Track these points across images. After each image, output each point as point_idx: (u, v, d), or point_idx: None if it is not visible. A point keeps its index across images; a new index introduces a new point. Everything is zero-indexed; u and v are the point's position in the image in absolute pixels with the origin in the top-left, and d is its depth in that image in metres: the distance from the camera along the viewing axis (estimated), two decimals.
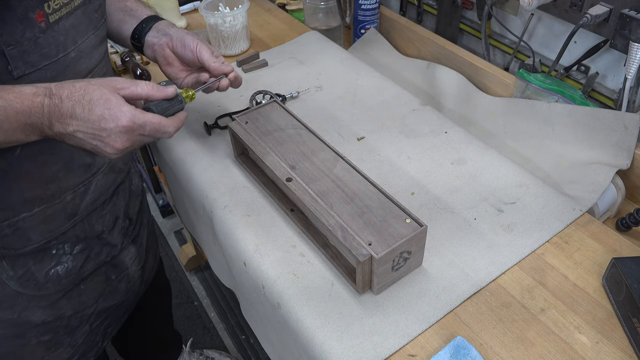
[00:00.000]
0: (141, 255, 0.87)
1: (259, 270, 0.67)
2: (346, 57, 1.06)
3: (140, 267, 0.87)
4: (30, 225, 0.64)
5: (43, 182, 0.63)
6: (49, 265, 0.70)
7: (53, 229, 0.67)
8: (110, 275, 0.80)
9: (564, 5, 0.87)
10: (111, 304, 0.82)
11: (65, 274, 0.72)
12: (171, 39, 0.73)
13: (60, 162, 0.63)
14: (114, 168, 0.73)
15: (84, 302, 0.77)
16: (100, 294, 0.80)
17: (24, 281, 0.68)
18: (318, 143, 0.74)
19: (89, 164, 0.68)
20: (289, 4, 1.32)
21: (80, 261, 0.73)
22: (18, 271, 0.67)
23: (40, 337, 0.74)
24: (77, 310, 0.77)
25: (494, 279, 0.65)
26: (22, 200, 0.62)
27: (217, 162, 0.82)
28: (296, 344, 0.64)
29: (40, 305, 0.72)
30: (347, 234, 0.60)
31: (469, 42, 1.17)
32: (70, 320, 0.76)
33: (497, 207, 0.73)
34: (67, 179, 0.65)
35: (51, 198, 0.65)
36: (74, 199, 0.67)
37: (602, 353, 0.57)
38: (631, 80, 0.81)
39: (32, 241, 0.66)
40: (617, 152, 0.81)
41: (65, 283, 0.73)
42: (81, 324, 0.78)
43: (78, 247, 0.72)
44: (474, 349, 0.57)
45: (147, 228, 0.91)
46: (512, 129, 0.92)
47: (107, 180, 0.72)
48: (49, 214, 0.65)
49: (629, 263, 0.61)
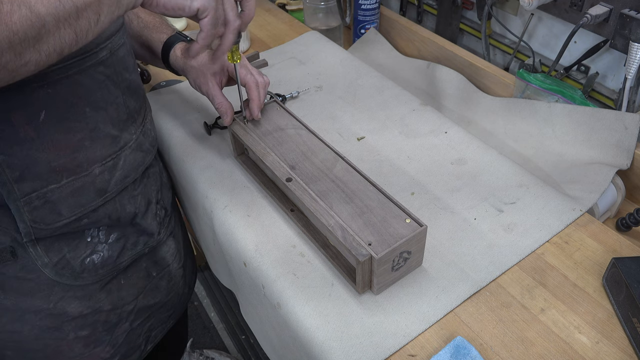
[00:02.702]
0: (181, 254, 0.86)
1: (259, 270, 0.67)
2: (346, 57, 1.06)
3: (181, 266, 0.86)
4: (60, 197, 0.63)
5: (69, 150, 0.62)
6: (85, 254, 0.69)
7: (83, 204, 0.66)
8: (151, 271, 0.80)
9: (564, 5, 0.87)
10: (152, 302, 0.81)
11: (102, 263, 0.71)
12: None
13: (85, 129, 0.63)
14: (142, 146, 0.73)
15: (123, 298, 0.77)
16: (141, 290, 0.79)
17: (59, 269, 0.68)
18: (318, 143, 0.74)
19: (115, 136, 0.67)
20: (289, 4, 1.32)
21: (116, 251, 0.73)
22: (53, 258, 0.67)
23: (78, 331, 0.73)
24: (116, 305, 0.76)
25: (494, 279, 0.65)
26: (49, 169, 0.61)
27: (217, 162, 0.82)
28: (296, 344, 0.64)
29: (77, 296, 0.71)
30: (347, 234, 0.60)
31: (469, 42, 1.17)
32: (109, 316, 0.76)
33: (497, 207, 0.73)
34: (94, 149, 0.65)
35: (79, 169, 0.64)
36: (102, 173, 0.67)
37: (602, 353, 0.57)
38: (631, 80, 0.81)
39: (63, 216, 0.65)
40: (617, 152, 0.81)
41: (102, 274, 0.72)
42: (120, 321, 0.77)
43: (113, 235, 0.72)
44: (474, 349, 0.57)
45: (182, 229, 0.90)
46: (512, 129, 0.92)
47: (136, 158, 0.72)
48: (77, 187, 0.65)
49: (629, 263, 0.61)
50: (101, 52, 0.62)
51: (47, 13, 0.44)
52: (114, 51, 0.64)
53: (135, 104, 0.71)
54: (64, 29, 0.46)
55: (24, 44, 0.44)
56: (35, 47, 0.45)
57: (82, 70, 0.60)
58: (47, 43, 0.46)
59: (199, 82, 0.77)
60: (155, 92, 0.99)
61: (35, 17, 0.43)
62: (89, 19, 0.48)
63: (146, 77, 1.03)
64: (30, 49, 0.44)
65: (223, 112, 0.76)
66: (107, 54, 0.63)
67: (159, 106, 0.94)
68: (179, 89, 0.98)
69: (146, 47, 0.84)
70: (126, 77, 0.68)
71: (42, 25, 0.44)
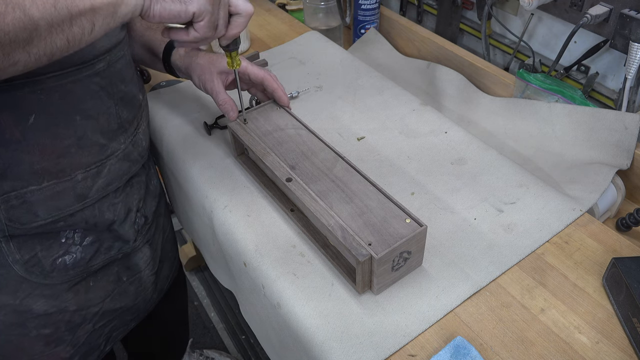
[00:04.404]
0: (155, 261, 0.86)
1: (259, 270, 0.67)
2: (346, 57, 1.06)
3: (154, 273, 0.86)
4: (38, 199, 0.63)
5: (54, 155, 0.62)
6: (57, 254, 0.69)
7: (61, 208, 0.66)
8: (122, 276, 0.80)
9: (564, 5, 0.87)
10: (118, 306, 0.81)
11: (73, 264, 0.71)
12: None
13: (73, 136, 0.63)
14: (129, 156, 0.73)
15: (90, 300, 0.77)
16: (108, 294, 0.79)
17: (29, 266, 0.68)
18: (318, 143, 0.74)
19: (103, 145, 0.67)
20: (289, 4, 1.32)
21: (89, 254, 0.73)
22: (24, 255, 0.67)
23: (41, 329, 0.73)
24: (82, 306, 0.76)
25: (494, 279, 0.65)
26: (31, 171, 0.62)
27: (217, 162, 0.82)
28: (296, 344, 0.64)
29: (44, 294, 0.71)
30: (347, 234, 0.60)
31: (469, 42, 1.17)
32: (73, 316, 0.76)
33: (497, 207, 0.73)
34: (79, 156, 0.65)
35: (61, 174, 0.64)
36: (85, 180, 0.67)
37: (602, 353, 0.57)
38: (631, 80, 0.81)
39: (39, 217, 0.65)
40: (617, 152, 0.81)
41: (72, 274, 0.72)
42: (84, 322, 0.78)
43: (88, 238, 0.72)
44: (474, 349, 0.57)
45: (164, 235, 0.90)
46: (512, 129, 0.92)
47: (122, 167, 0.72)
48: (57, 191, 0.65)
49: (629, 263, 0.61)
50: (98, 64, 0.62)
51: (41, 17, 0.45)
52: (112, 63, 0.65)
53: (128, 115, 0.71)
54: (57, 34, 0.47)
55: (14, 44, 0.44)
56: (26, 49, 0.45)
57: (77, 80, 0.60)
58: (38, 46, 0.46)
59: (204, 79, 0.78)
60: (155, 92, 0.99)
61: (28, 20, 0.44)
62: (82, 27, 0.49)
63: (146, 77, 1.03)
64: (20, 50, 0.45)
65: (227, 109, 0.76)
66: (104, 65, 0.63)
67: (159, 106, 0.94)
68: (179, 89, 0.98)
69: (147, 48, 0.84)
70: (122, 88, 0.68)
71: (34, 29, 0.45)
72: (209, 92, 0.78)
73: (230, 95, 0.78)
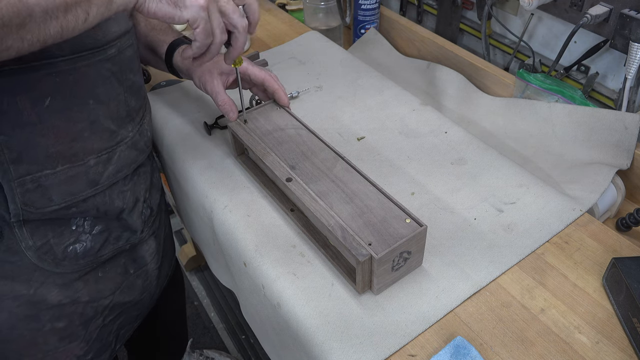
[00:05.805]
0: (159, 255, 0.87)
1: (259, 270, 0.67)
2: (346, 57, 1.06)
3: (158, 267, 0.88)
4: (52, 183, 0.65)
5: (68, 139, 0.64)
6: (68, 241, 0.70)
7: (74, 193, 0.68)
8: (129, 268, 0.81)
9: (564, 5, 0.87)
10: (127, 299, 0.82)
11: (83, 253, 0.72)
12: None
13: (86, 120, 0.65)
14: (137, 145, 0.75)
15: (101, 291, 0.77)
16: (118, 286, 0.80)
17: (42, 253, 0.69)
18: (318, 143, 0.74)
19: (113, 131, 0.69)
20: (289, 4, 1.32)
21: (98, 243, 0.74)
22: (37, 241, 0.68)
23: (55, 322, 0.74)
24: (93, 298, 0.77)
25: (494, 279, 0.65)
26: (46, 155, 0.63)
27: (217, 162, 0.82)
28: (296, 344, 0.64)
29: (57, 284, 0.72)
30: (347, 234, 0.60)
31: (469, 42, 1.17)
32: (86, 309, 0.76)
33: (497, 207, 0.73)
34: (92, 141, 0.67)
35: (74, 158, 0.66)
36: (97, 165, 0.68)
37: (602, 353, 0.57)
38: (631, 80, 0.81)
39: (53, 202, 0.66)
40: (617, 152, 0.81)
41: (83, 264, 0.73)
42: (96, 315, 0.78)
43: (98, 227, 0.73)
44: (474, 349, 0.57)
45: (165, 230, 0.92)
46: (512, 129, 0.92)
47: (130, 155, 0.73)
48: (71, 175, 0.66)
49: (629, 263, 0.61)
50: (110, 50, 0.64)
51: (36, 4, 0.46)
52: (122, 50, 0.67)
53: (136, 104, 0.73)
54: (51, 21, 0.48)
55: (6, 29, 0.45)
56: (19, 34, 0.46)
57: (91, 64, 0.62)
58: (32, 32, 0.47)
59: (204, 80, 0.79)
60: (156, 92, 0.99)
61: (22, 6, 0.45)
62: (76, 16, 0.50)
63: (146, 77, 1.03)
64: (13, 35, 0.46)
65: (227, 110, 0.77)
66: (115, 51, 0.65)
67: (159, 106, 0.94)
68: (179, 89, 0.99)
69: (150, 48, 0.86)
70: (130, 77, 0.70)
71: (28, 15, 0.45)
72: (209, 92, 0.79)
73: (230, 96, 0.78)
